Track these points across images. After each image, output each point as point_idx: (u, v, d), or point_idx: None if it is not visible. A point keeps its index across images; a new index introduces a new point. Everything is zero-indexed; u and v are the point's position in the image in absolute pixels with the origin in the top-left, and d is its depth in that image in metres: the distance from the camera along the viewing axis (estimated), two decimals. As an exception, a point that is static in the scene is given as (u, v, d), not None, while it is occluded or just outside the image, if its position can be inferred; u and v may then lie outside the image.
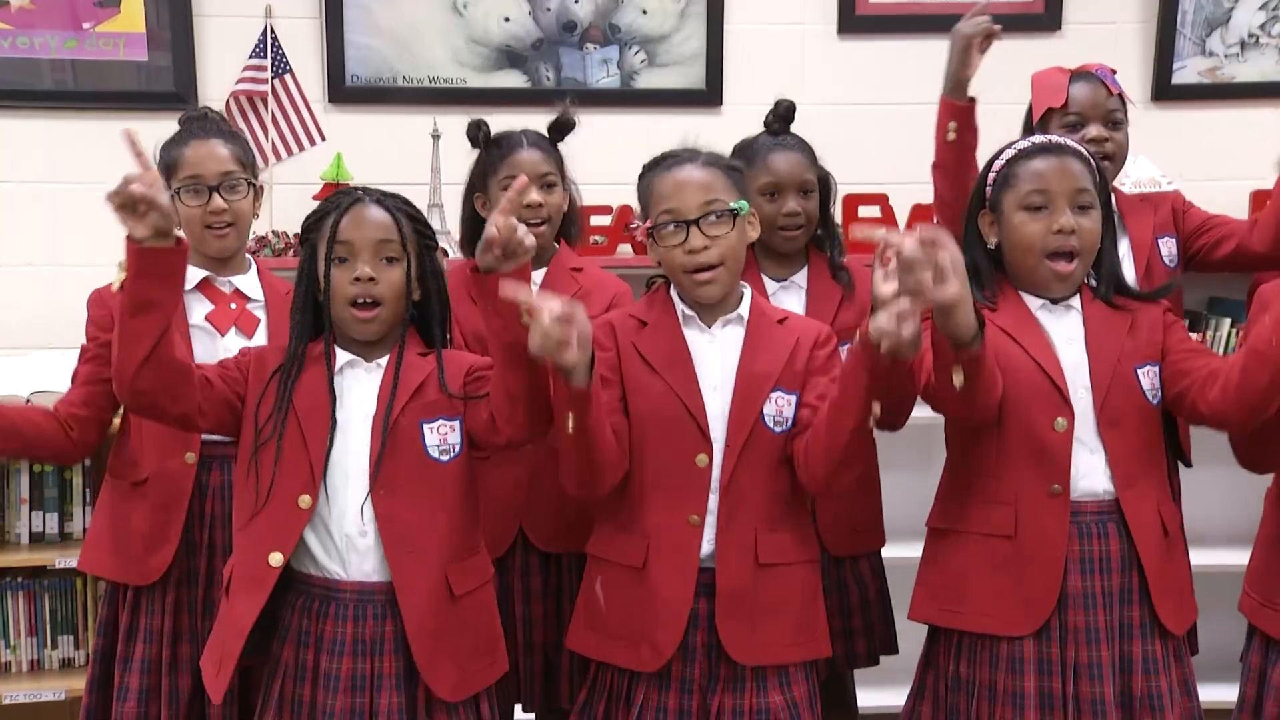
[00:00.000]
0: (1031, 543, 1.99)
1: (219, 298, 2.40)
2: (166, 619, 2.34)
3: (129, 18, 3.42)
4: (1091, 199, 2.00)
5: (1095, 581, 1.99)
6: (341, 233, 1.96)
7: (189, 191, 2.34)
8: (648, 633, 1.99)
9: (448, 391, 2.00)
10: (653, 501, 2.02)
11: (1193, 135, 3.50)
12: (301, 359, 2.01)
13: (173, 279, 1.87)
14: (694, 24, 3.54)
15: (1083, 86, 2.52)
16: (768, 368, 2.04)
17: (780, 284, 2.48)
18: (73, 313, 3.39)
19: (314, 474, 1.96)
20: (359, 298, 1.96)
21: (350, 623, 1.95)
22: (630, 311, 2.14)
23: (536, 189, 2.44)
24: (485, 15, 3.50)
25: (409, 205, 2.04)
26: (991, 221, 2.07)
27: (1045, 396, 1.99)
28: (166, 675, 2.33)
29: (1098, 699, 1.95)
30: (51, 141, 3.45)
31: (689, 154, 2.07)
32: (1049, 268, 2.00)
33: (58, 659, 3.16)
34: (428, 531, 1.98)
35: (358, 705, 1.93)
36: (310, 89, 3.46)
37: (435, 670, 1.96)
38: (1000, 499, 2.01)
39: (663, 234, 2.02)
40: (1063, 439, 1.98)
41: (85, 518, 3.17)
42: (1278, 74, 3.57)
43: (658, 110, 3.53)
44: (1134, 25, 3.58)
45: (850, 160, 2.74)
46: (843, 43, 3.59)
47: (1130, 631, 2.00)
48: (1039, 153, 2.02)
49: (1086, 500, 2.00)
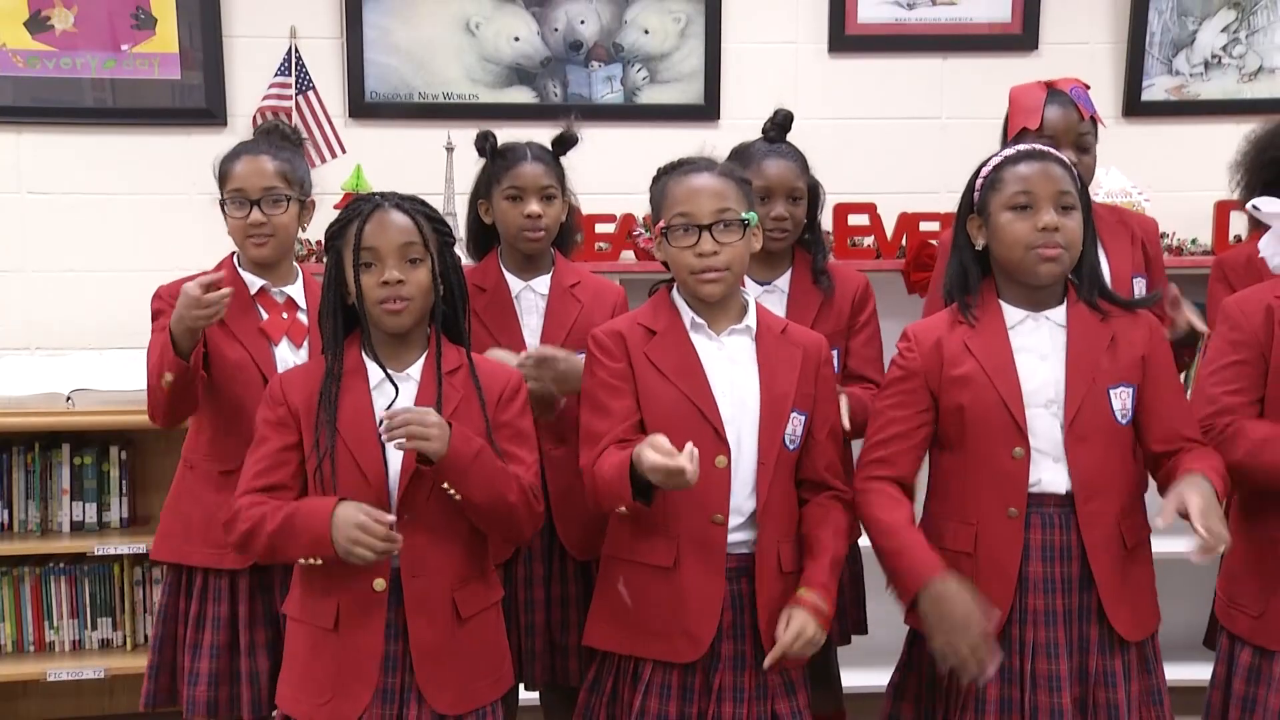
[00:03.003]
0: (988, 561, 2.02)
1: (273, 307, 2.45)
2: (241, 605, 2.38)
3: (164, 39, 3.50)
4: (1074, 200, 2.02)
5: (1055, 573, 2.00)
6: (366, 239, 1.96)
7: (233, 203, 2.41)
8: (683, 626, 2.02)
9: (489, 432, 2.00)
10: (677, 505, 2.02)
11: (1161, 149, 3.61)
12: (339, 372, 2.00)
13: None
14: (693, 43, 3.62)
15: (1056, 110, 2.53)
16: (786, 389, 2.08)
17: (764, 287, 2.52)
18: (110, 316, 3.54)
19: (379, 496, 1.96)
20: (388, 299, 1.96)
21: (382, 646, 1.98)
22: (637, 319, 2.14)
23: (537, 200, 2.48)
24: (496, 35, 3.59)
25: (426, 206, 2.04)
26: (979, 225, 2.08)
27: (1004, 427, 2.01)
28: (246, 657, 2.37)
29: (1055, 708, 1.97)
30: (92, 156, 3.53)
31: (705, 162, 2.10)
32: (1036, 255, 2.00)
33: (97, 640, 3.27)
34: (440, 557, 1.99)
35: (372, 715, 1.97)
36: (332, 104, 3.54)
37: (435, 687, 1.98)
38: (964, 518, 2.05)
39: (675, 235, 2.05)
40: (1019, 465, 2.01)
41: (123, 507, 3.28)
42: (1238, 92, 3.69)
43: (659, 124, 3.61)
44: (1106, 45, 3.69)
45: (840, 171, 2.82)
46: (833, 60, 3.68)
47: (1088, 646, 2.01)
48: (1024, 158, 2.04)
49: (1048, 495, 2.02)
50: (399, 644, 1.99)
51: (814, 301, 2.52)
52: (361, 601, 1.97)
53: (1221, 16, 3.68)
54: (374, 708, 1.97)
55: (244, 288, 2.45)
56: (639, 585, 2.08)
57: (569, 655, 2.53)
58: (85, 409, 3.22)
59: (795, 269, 2.56)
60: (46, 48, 3.50)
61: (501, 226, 2.56)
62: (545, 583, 2.52)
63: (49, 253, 3.57)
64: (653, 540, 2.06)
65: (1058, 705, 1.97)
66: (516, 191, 2.51)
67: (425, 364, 2.04)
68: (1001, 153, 2.10)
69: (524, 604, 2.50)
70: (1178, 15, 3.67)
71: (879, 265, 3.37)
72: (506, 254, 2.59)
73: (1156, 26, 3.66)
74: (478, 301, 2.49)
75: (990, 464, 2.03)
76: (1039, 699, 1.99)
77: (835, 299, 2.54)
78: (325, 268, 2.04)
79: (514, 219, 2.51)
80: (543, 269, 2.58)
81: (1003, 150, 2.11)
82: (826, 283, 2.54)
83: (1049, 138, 2.43)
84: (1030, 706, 1.99)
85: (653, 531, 2.06)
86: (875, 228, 3.44)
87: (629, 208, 3.37)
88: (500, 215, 2.55)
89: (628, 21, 3.63)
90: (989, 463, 2.03)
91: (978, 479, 2.05)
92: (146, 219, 3.55)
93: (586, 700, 2.14)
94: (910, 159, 3.68)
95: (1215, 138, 3.12)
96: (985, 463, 2.04)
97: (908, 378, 2.10)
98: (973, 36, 3.68)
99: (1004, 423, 2.02)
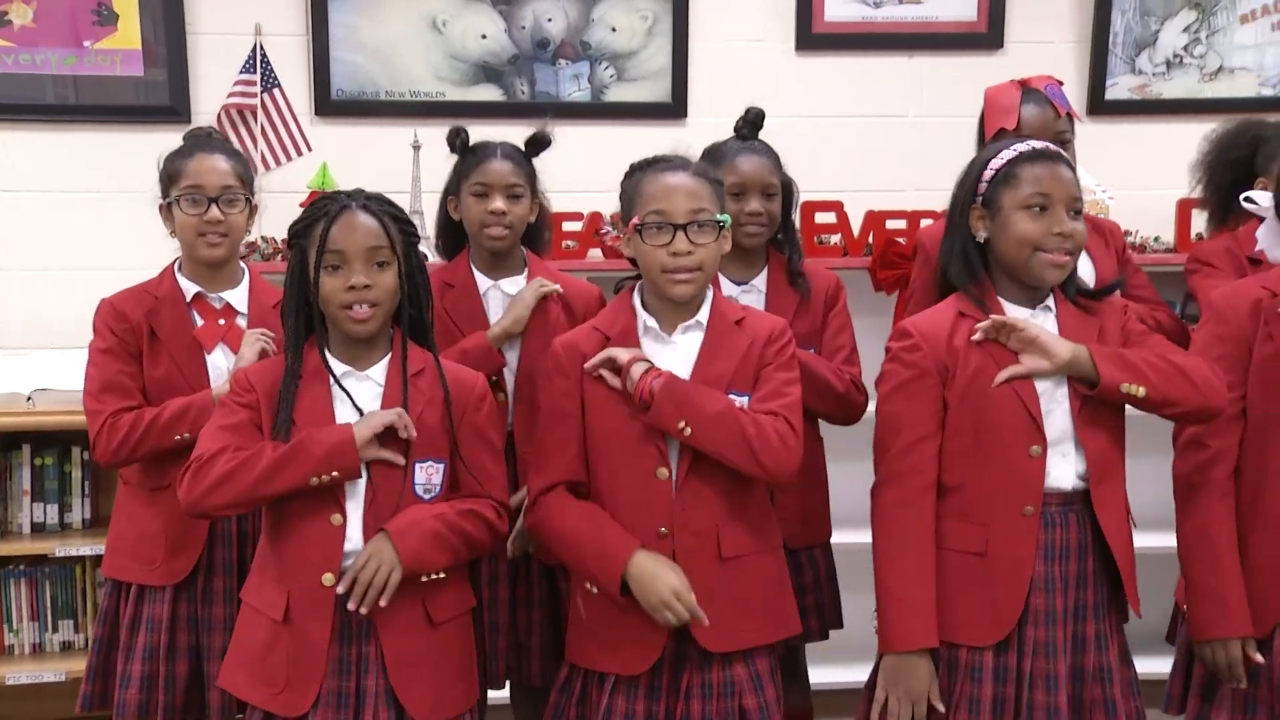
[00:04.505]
0: (1000, 561, 1.99)
1: (209, 313, 2.40)
2: (166, 607, 2.35)
3: (126, 35, 3.47)
4: (1081, 206, 2.03)
5: (1057, 573, 2.00)
6: (332, 242, 1.93)
7: (189, 200, 2.35)
8: (634, 640, 2.03)
9: (454, 437, 2.01)
10: (621, 517, 2.04)
11: (1125, 147, 3.63)
12: (299, 370, 1.98)
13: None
14: (660, 41, 3.63)
15: (1033, 108, 2.53)
16: (722, 371, 2.06)
17: (740, 287, 2.52)
18: (73, 315, 3.43)
19: (336, 492, 1.96)
20: (355, 303, 1.94)
21: (336, 644, 1.97)
22: (596, 325, 2.14)
23: (502, 198, 2.49)
24: (463, 33, 3.59)
25: (392, 205, 2.02)
26: (982, 216, 2.05)
27: (1021, 425, 1.99)
28: (164, 662, 2.34)
29: (1051, 707, 1.97)
30: (55, 153, 3.51)
31: (681, 161, 2.09)
32: (1045, 259, 1.99)
33: (58, 642, 3.23)
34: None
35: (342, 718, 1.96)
36: (298, 102, 3.53)
37: (411, 693, 1.97)
38: (973, 518, 2.01)
39: (649, 233, 2.03)
40: (1036, 464, 1.99)
41: (84, 509, 3.25)
42: (1199, 91, 3.73)
43: (626, 122, 3.62)
44: (1070, 44, 3.72)
45: (807, 169, 2.81)
46: (800, 59, 3.70)
47: (1084, 644, 2.02)
48: (1040, 158, 2.02)
49: (1055, 493, 2.01)
50: (356, 648, 1.98)
51: (791, 302, 2.52)
52: (311, 595, 1.96)
53: (1183, 16, 3.72)
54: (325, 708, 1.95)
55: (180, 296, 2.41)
56: (594, 597, 2.09)
57: (532, 656, 2.53)
58: (46, 409, 3.18)
59: (771, 269, 2.57)
60: (5, 43, 3.47)
61: (467, 223, 2.56)
62: (510, 583, 2.53)
63: (10, 251, 3.54)
64: None
65: (1054, 704, 1.97)
66: (483, 187, 2.51)
67: (390, 366, 2.03)
68: (1014, 146, 2.07)
69: (488, 603, 2.50)
70: (1140, 15, 3.71)
71: (846, 263, 3.38)
72: (475, 252, 2.60)
73: (1120, 26, 3.70)
74: (445, 298, 2.50)
75: (1005, 462, 2.00)
76: (1035, 697, 1.99)
77: (811, 300, 2.54)
78: (288, 265, 2.02)
79: (478, 214, 2.51)
80: (512, 269, 2.58)
81: (1016, 144, 2.08)
82: (804, 284, 2.54)
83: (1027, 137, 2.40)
84: (1027, 705, 1.99)
85: None
86: (842, 226, 3.45)
87: (596, 206, 3.38)
88: (466, 210, 2.55)
89: (595, 19, 3.63)
90: (1004, 461, 2.00)
91: (991, 478, 2.01)
92: (110, 217, 3.52)
93: (557, 701, 2.14)
94: (877, 157, 3.70)
95: (1177, 136, 3.14)
96: (1000, 461, 2.00)
97: (921, 376, 2.03)
98: (939, 35, 3.70)
99: (1021, 420, 1.99)
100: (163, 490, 2.32)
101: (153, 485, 2.37)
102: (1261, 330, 2.11)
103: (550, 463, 2.10)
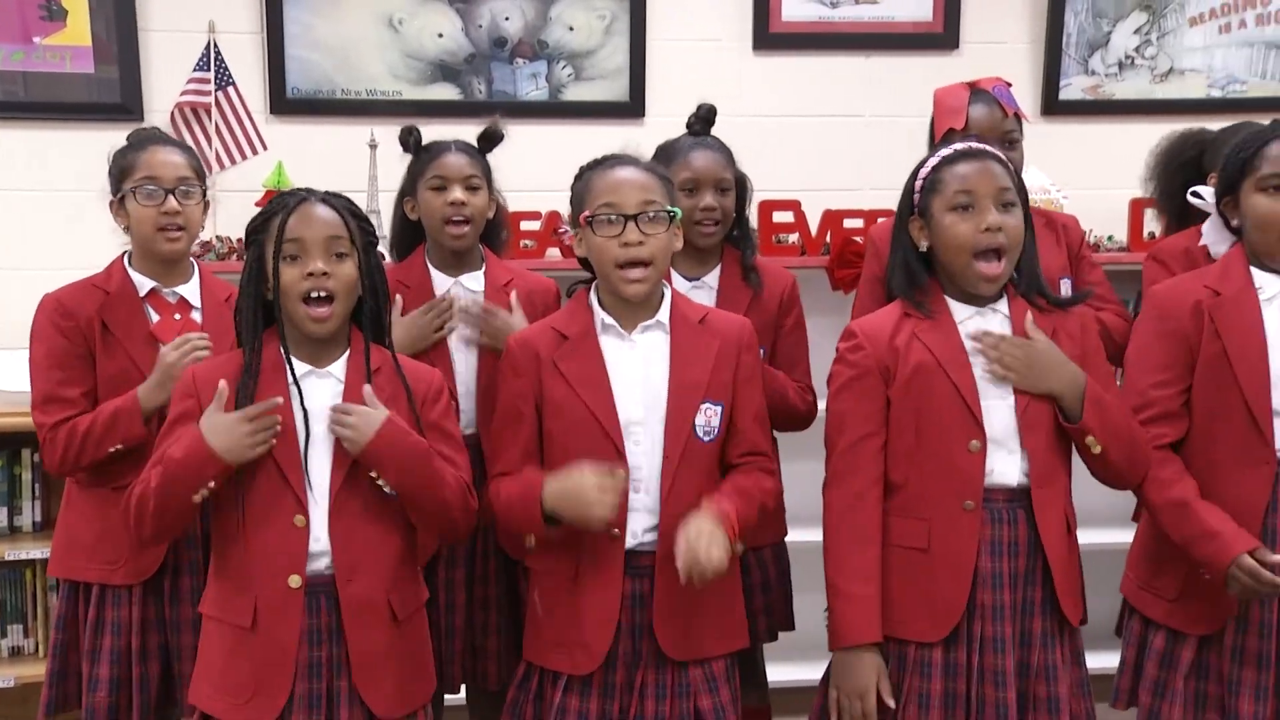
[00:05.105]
0: (942, 556, 2.01)
1: (164, 308, 2.38)
2: (135, 609, 2.33)
3: (76, 32, 3.43)
4: (1014, 197, 2.02)
5: (1005, 568, 2.00)
6: (291, 231, 1.93)
7: (144, 192, 2.32)
8: (580, 639, 2.04)
9: (419, 428, 1.99)
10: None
11: (1078, 147, 3.67)
12: (257, 368, 1.96)
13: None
14: (618, 40, 3.63)
15: (981, 109, 2.55)
16: (696, 379, 2.06)
17: (692, 283, 2.52)
18: (23, 315, 3.39)
19: (298, 493, 1.94)
20: (313, 291, 1.93)
21: (305, 646, 1.96)
22: (552, 323, 2.14)
23: (461, 189, 2.48)
24: (420, 31, 3.57)
25: (351, 203, 2.02)
26: (921, 226, 2.07)
27: (961, 421, 2.00)
28: (137, 664, 2.32)
29: (1000, 702, 1.98)
30: (3, 150, 3.45)
31: (629, 157, 2.11)
32: (977, 269, 2.01)
33: (7, 647, 3.20)
34: (375, 559, 1.98)
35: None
36: (252, 100, 3.51)
37: (374, 689, 1.97)
38: (916, 514, 2.03)
39: (600, 225, 2.03)
40: (976, 458, 2.00)
41: (35, 511, 3.22)
42: (1151, 92, 3.78)
43: (584, 121, 3.62)
44: (1025, 45, 3.76)
45: (765, 168, 2.84)
46: (757, 58, 3.71)
47: (1031, 640, 2.02)
48: (962, 157, 2.04)
49: (1000, 489, 2.02)
50: (326, 649, 1.96)
51: (744, 298, 2.51)
52: (278, 599, 1.94)
53: (1134, 18, 3.76)
54: (299, 713, 1.94)
55: (133, 291, 2.38)
56: (549, 596, 2.11)
57: (488, 658, 2.53)
58: (-4, 410, 3.14)
59: (724, 265, 2.57)
60: (-50, 39, 3.42)
61: (426, 219, 2.55)
62: (466, 586, 2.52)
63: (-42, 250, 3.48)
64: (558, 551, 2.08)
65: (1003, 700, 1.98)
66: (440, 181, 2.51)
67: (350, 362, 2.02)
68: (939, 152, 2.09)
69: (444, 607, 2.49)
70: (1093, 16, 3.75)
71: (803, 262, 3.39)
72: (433, 251, 2.58)
73: (1073, 27, 3.74)
74: (401, 299, 2.47)
75: (945, 457, 2.02)
76: (984, 693, 2.00)
77: (764, 296, 2.55)
78: (246, 262, 2.00)
79: (438, 208, 2.50)
80: (471, 266, 2.57)
81: (940, 150, 2.10)
82: (756, 279, 2.54)
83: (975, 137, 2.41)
84: (976, 700, 2.00)
85: (559, 542, 2.07)
86: (799, 224, 3.47)
87: (555, 205, 3.37)
88: (424, 206, 2.54)
89: (552, 18, 3.63)
90: (944, 456, 2.02)
91: (932, 473, 2.03)
92: (60, 215, 3.47)
93: (515, 697, 2.15)
94: (834, 156, 3.72)
95: (1130, 137, 3.19)
96: (940, 456, 2.02)
97: (862, 376, 2.06)
98: (895, 35, 3.73)
99: (960, 415, 2.01)
100: (120, 489, 2.24)
101: (110, 485, 2.32)
102: (1207, 329, 2.13)
103: (503, 456, 2.13)
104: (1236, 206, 2.19)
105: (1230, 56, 3.79)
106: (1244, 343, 2.11)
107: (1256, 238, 2.16)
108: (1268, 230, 2.13)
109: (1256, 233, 2.16)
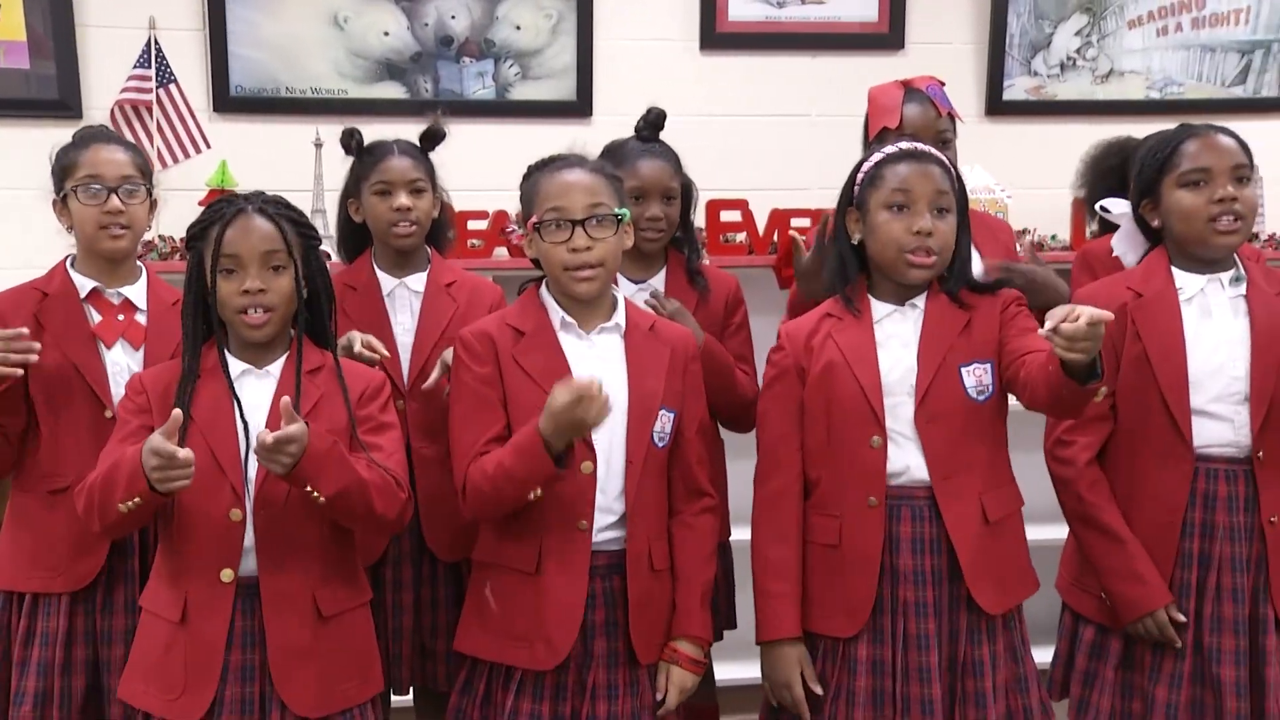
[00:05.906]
0: (851, 552, 2.05)
1: (107, 309, 2.34)
2: (62, 619, 2.27)
3: (10, 26, 3.36)
4: (949, 202, 2.06)
5: (925, 565, 2.02)
6: (227, 245, 1.92)
7: (86, 191, 2.28)
8: (543, 633, 2.02)
9: (353, 428, 1.98)
10: (543, 509, 2.01)
11: (1022, 147, 3.71)
12: (196, 370, 1.97)
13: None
14: (565, 39, 3.62)
15: (915, 108, 2.57)
16: (654, 387, 2.08)
17: (638, 285, 2.51)
18: None
19: (235, 488, 1.94)
20: (249, 308, 1.93)
21: (238, 649, 1.95)
22: (506, 319, 2.12)
23: (406, 193, 2.47)
24: (365, 29, 3.55)
25: (290, 209, 2.01)
26: (857, 219, 2.11)
27: (863, 416, 2.04)
28: (59, 677, 2.25)
29: (926, 699, 2.00)
30: None
31: (577, 158, 2.10)
32: (907, 261, 2.04)
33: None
34: (299, 554, 1.96)
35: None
36: (195, 98, 3.46)
37: (294, 689, 1.94)
38: (829, 510, 2.08)
39: (548, 231, 2.03)
40: (877, 454, 2.04)
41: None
42: (1092, 93, 3.83)
43: (531, 121, 3.60)
44: (969, 46, 3.79)
45: (712, 167, 2.83)
46: (705, 58, 3.71)
47: (957, 636, 2.04)
48: (904, 158, 2.07)
49: (915, 486, 2.05)
50: (258, 654, 1.95)
51: (689, 301, 2.52)
52: (209, 593, 1.93)
53: (1075, 20, 3.81)
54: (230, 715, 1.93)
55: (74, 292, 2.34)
56: (504, 590, 2.08)
57: (437, 660, 2.51)
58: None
59: (669, 268, 2.58)
60: (-123, 33, 3.34)
61: (372, 223, 2.54)
62: (414, 586, 2.50)
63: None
64: (518, 544, 2.06)
65: (928, 696, 2.01)
66: (385, 186, 2.49)
67: (286, 364, 2.02)
68: (884, 149, 2.11)
69: (392, 607, 2.47)
70: (1035, 18, 3.79)
71: (751, 261, 3.41)
72: (379, 252, 2.57)
73: (1016, 28, 3.78)
74: (348, 301, 2.46)
75: (851, 454, 2.06)
76: (910, 690, 2.02)
77: (710, 300, 2.56)
78: (186, 267, 2.00)
79: (383, 214, 2.49)
80: (417, 266, 2.56)
81: (885, 147, 2.13)
82: (701, 282, 2.56)
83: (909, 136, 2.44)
84: (902, 698, 2.02)
85: (518, 535, 2.05)
86: (747, 224, 3.48)
87: (502, 204, 3.36)
88: (370, 211, 2.53)
89: (499, 17, 3.62)
90: (850, 453, 2.06)
91: (840, 470, 2.07)
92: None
93: (459, 703, 2.13)
94: (781, 155, 3.73)
95: (1072, 137, 3.23)
96: (847, 453, 2.07)
97: (781, 376, 2.13)
98: (841, 35, 3.75)
99: (862, 411, 2.05)
100: (63, 493, 2.24)
101: (50, 489, 2.29)
102: (1130, 330, 2.18)
103: (478, 441, 2.05)
104: (1156, 207, 2.24)
105: (1168, 59, 3.85)
106: (1163, 343, 2.16)
107: (1181, 230, 2.20)
108: (1193, 221, 2.17)
109: (1181, 225, 2.20)
